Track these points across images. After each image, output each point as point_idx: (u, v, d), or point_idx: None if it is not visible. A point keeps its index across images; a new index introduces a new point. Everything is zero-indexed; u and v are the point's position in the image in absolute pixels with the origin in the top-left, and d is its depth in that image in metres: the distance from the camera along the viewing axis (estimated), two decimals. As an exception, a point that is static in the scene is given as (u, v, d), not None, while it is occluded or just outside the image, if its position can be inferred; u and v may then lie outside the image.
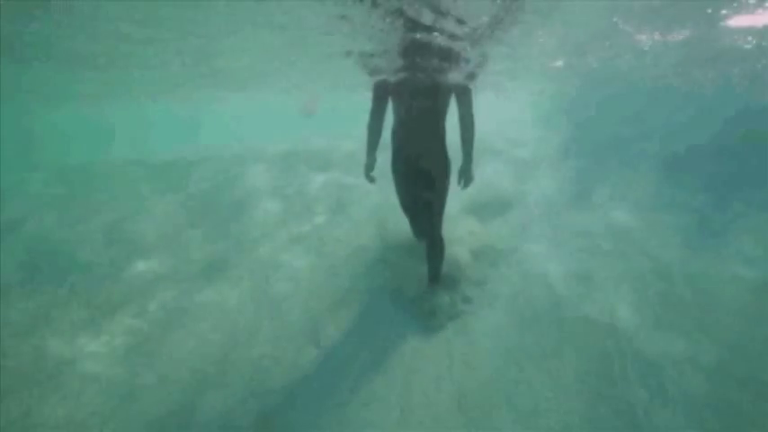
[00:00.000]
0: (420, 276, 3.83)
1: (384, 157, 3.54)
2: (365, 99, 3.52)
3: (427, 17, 3.20)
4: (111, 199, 6.73)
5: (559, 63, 7.23)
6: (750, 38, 5.46)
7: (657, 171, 7.08)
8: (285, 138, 11.26)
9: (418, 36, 3.54)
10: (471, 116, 3.32)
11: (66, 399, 2.93)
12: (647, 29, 4.73)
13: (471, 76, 4.39)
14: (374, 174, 3.49)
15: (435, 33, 3.47)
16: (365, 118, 3.44)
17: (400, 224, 4.21)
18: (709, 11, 4.08)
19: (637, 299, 3.79)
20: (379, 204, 5.83)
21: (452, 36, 3.58)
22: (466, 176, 3.47)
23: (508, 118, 12.52)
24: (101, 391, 2.99)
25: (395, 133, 3.40)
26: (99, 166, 8.58)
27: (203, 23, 3.75)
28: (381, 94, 3.35)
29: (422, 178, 3.36)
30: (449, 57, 3.88)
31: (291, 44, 4.56)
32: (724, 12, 4.15)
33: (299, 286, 4.19)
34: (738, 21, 4.46)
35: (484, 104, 3.54)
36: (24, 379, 3.08)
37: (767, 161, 6.45)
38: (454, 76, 4.00)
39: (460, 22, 3.35)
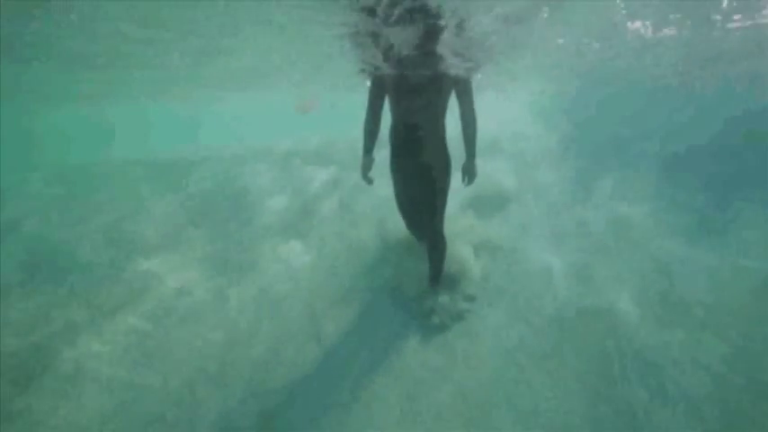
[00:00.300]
0: (421, 275, 3.83)
1: (383, 155, 3.52)
2: (365, 98, 3.48)
3: (448, 12, 3.11)
4: (111, 199, 6.73)
5: (559, 63, 7.22)
6: (750, 37, 5.46)
7: (657, 171, 7.07)
8: (285, 137, 11.25)
9: (431, 30, 3.44)
10: (473, 111, 3.26)
11: (66, 399, 2.93)
12: (645, 28, 4.72)
13: (471, 70, 4.30)
14: (372, 174, 3.42)
15: (445, 23, 3.34)
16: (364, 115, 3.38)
17: (401, 223, 4.21)
18: (708, 7, 4.06)
19: (637, 298, 3.78)
20: (381, 203, 5.83)
21: (461, 28, 3.50)
22: (469, 173, 3.41)
23: (508, 118, 12.52)
24: (101, 390, 3.00)
25: (393, 131, 3.34)
26: (99, 166, 8.60)
27: (203, 23, 3.75)
28: (379, 91, 3.29)
29: (422, 178, 3.32)
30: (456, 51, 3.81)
31: (292, 43, 4.55)
32: (724, 11, 4.15)
33: (300, 285, 4.20)
34: (738, 20, 4.45)
35: (484, 104, 3.52)
36: (24, 379, 3.08)
37: (767, 161, 6.45)
38: (455, 69, 3.93)
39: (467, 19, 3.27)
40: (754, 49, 6.09)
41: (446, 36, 3.46)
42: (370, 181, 3.41)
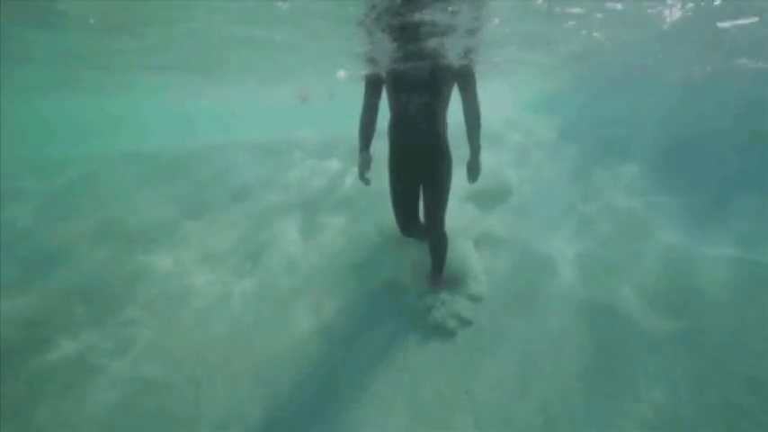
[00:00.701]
0: (422, 273, 3.83)
1: (383, 151, 3.47)
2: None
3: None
4: (109, 195, 6.70)
5: (556, 62, 7.21)
6: (751, 35, 5.45)
7: (657, 170, 7.07)
8: (285, 131, 11.21)
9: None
10: (477, 106, 3.15)
11: (67, 397, 2.92)
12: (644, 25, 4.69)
13: (473, 60, 4.24)
14: (370, 174, 3.31)
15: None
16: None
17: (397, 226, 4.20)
18: (705, 4, 4.03)
19: (638, 295, 3.79)
20: (382, 198, 5.80)
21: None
22: (474, 171, 3.31)
23: (508, 113, 12.53)
24: (102, 389, 2.99)
25: (392, 129, 3.25)
26: (97, 162, 8.54)
27: (201, 21, 3.74)
28: (375, 89, 3.19)
29: (422, 176, 3.28)
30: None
31: (292, 41, 4.55)
32: (724, 8, 4.13)
33: (300, 283, 4.18)
34: (740, 18, 4.44)
35: (484, 99, 3.47)
36: (25, 378, 3.08)
37: (767, 160, 6.45)
38: (458, 61, 3.86)
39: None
40: (754, 47, 6.08)
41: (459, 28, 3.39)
42: (367, 182, 3.28)
